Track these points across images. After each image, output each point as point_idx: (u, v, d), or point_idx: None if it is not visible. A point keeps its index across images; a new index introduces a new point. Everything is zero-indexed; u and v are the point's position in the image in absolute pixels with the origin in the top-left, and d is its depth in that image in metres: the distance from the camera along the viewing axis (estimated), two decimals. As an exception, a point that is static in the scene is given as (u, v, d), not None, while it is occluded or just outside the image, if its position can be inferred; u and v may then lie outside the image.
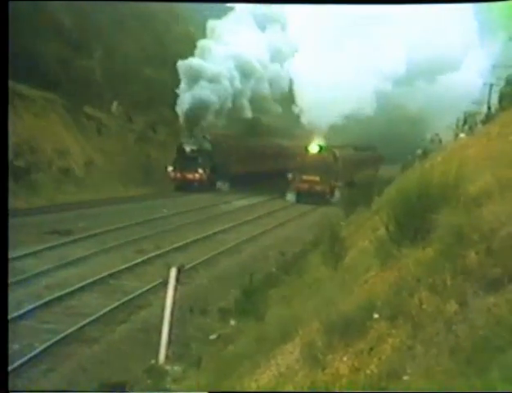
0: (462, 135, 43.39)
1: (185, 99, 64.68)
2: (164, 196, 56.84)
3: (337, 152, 63.93)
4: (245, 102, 74.44)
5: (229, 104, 70.54)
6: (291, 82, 70.22)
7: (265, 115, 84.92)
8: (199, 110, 64.45)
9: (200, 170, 61.46)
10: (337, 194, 59.28)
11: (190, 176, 60.69)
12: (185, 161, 60.83)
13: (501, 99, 47.70)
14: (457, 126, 53.14)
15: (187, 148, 62.21)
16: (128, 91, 69.52)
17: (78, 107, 63.47)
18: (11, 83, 54.23)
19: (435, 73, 75.03)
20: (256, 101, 75.89)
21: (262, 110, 79.51)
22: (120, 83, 67.64)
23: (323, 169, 59.92)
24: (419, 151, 45.62)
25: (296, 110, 68.02)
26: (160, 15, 79.46)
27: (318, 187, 59.29)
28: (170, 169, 60.28)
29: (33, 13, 55.43)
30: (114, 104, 69.41)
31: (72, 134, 61.77)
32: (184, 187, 59.47)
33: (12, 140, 48.67)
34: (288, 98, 71.27)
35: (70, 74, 62.86)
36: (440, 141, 55.00)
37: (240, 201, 58.00)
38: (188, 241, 37.16)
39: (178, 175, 60.49)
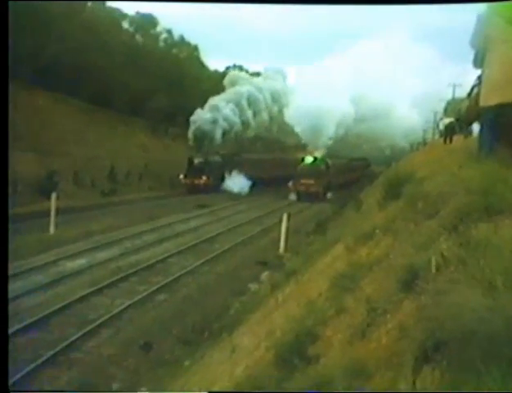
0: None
1: (193, 128, 49.41)
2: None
3: (329, 162, 48.93)
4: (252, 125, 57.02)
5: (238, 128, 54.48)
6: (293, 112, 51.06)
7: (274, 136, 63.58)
8: (203, 136, 49.21)
9: (204, 177, 45.82)
10: (329, 194, 46.07)
11: (196, 181, 45.50)
12: (193, 170, 45.93)
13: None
14: (411, 146, 51.47)
15: (195, 161, 46.73)
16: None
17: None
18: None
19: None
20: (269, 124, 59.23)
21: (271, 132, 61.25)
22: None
23: (316, 174, 45.49)
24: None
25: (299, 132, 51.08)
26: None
27: (313, 189, 44.99)
28: (181, 176, 45.91)
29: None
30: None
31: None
32: (193, 190, 44.46)
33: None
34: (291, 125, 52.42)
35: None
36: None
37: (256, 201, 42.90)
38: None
39: (188, 181, 45.71)
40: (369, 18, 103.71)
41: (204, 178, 45.57)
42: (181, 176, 45.67)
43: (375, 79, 53.83)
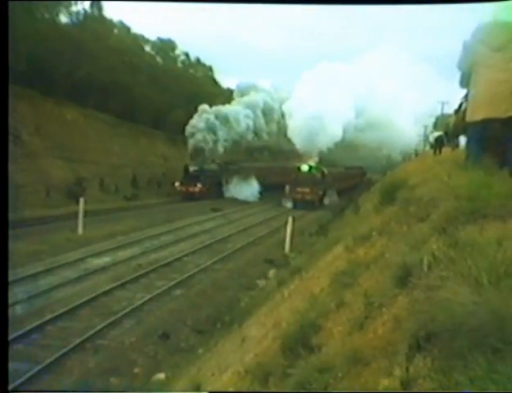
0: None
1: (191, 139, 45.94)
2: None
3: (325, 170, 44.89)
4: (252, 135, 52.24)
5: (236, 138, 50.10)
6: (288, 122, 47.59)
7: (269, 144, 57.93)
8: (199, 147, 45.50)
9: (199, 185, 42.26)
10: (326, 201, 43.24)
11: (191, 189, 41.98)
12: (188, 178, 42.43)
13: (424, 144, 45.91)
14: (404, 156, 49.78)
15: (191, 169, 43.18)
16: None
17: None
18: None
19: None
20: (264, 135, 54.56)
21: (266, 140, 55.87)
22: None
23: (312, 182, 41.92)
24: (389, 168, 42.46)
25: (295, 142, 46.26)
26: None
27: (308, 197, 41.50)
28: (177, 184, 42.50)
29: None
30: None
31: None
32: (188, 197, 41.23)
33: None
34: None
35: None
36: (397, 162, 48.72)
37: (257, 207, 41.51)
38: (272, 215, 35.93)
39: (183, 188, 42.18)
40: (366, 36, 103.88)
41: (199, 185, 42.37)
42: (177, 184, 42.60)
43: (375, 92, 52.12)
